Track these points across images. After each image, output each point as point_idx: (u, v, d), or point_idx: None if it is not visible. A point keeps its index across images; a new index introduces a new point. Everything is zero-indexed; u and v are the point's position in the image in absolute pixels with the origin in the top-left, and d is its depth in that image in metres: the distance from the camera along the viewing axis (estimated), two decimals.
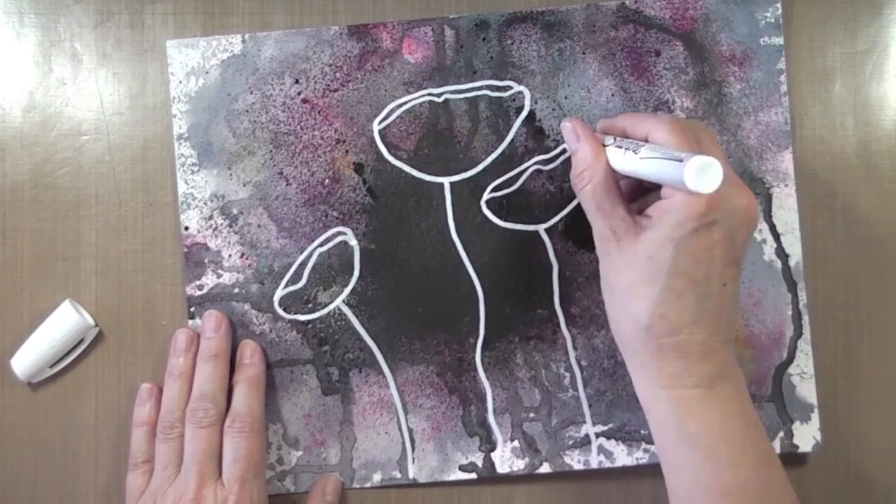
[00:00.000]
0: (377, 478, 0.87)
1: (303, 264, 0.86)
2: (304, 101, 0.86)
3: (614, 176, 0.74)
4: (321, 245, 0.86)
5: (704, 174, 0.63)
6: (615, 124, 0.78)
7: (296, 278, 0.86)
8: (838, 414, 0.88)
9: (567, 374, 0.87)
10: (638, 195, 0.79)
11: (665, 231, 0.70)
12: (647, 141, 0.73)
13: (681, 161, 0.64)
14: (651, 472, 0.87)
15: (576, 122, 0.77)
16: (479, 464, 0.87)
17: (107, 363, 0.87)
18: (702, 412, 0.72)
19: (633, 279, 0.72)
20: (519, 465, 0.87)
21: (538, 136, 0.86)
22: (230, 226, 0.86)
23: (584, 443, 0.87)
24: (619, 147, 0.73)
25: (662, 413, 0.74)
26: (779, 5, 0.86)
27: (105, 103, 0.87)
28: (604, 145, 0.75)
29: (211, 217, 0.86)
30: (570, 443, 0.87)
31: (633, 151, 0.71)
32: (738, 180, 0.72)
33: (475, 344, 0.87)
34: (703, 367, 0.72)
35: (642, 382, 0.75)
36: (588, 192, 0.74)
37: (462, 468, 0.87)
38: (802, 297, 0.86)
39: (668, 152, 0.67)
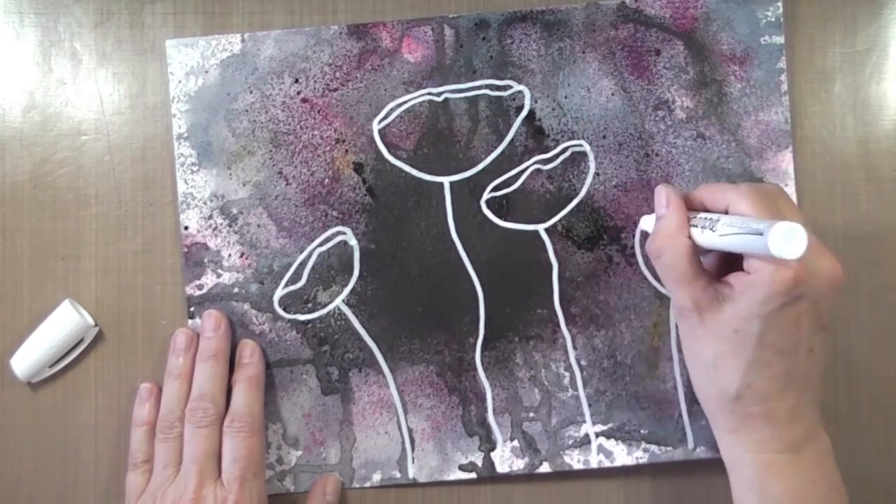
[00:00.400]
0: (377, 477, 0.87)
1: (302, 264, 0.86)
2: (304, 100, 0.86)
3: (695, 247, 0.73)
4: (321, 245, 0.86)
5: (789, 240, 0.63)
6: (693, 196, 0.77)
7: (295, 278, 0.86)
8: (838, 414, 0.87)
9: (567, 374, 0.87)
10: (716, 261, 0.78)
11: (752, 307, 0.69)
12: (727, 212, 0.72)
13: (760, 234, 0.64)
14: (651, 472, 0.87)
15: (670, 189, 0.76)
16: (479, 463, 0.86)
17: (107, 363, 0.87)
18: (786, 476, 0.73)
19: (719, 351, 0.72)
20: (519, 464, 0.86)
21: (538, 135, 0.86)
22: (230, 225, 0.86)
23: (584, 442, 0.86)
24: (696, 226, 0.73)
25: (746, 476, 0.74)
26: (779, 4, 0.86)
27: (105, 103, 0.87)
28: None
29: (211, 217, 0.86)
30: (570, 442, 0.86)
31: (711, 229, 0.71)
32: (822, 246, 0.72)
33: (475, 344, 0.87)
34: (791, 432, 0.72)
35: (727, 445, 0.75)
36: (667, 262, 0.74)
37: (462, 468, 0.87)
38: None
39: (748, 224, 0.67)
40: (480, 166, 0.86)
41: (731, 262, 0.73)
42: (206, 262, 0.86)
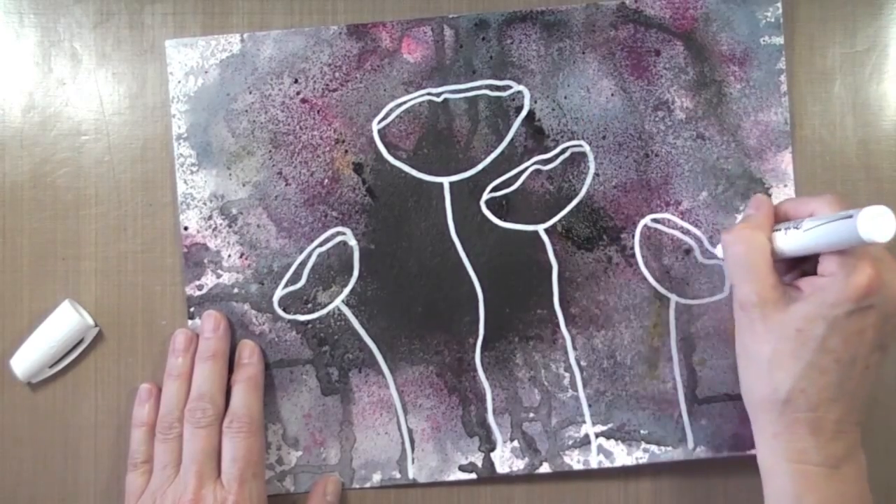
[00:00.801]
0: (377, 478, 0.86)
1: (302, 264, 0.85)
2: (304, 100, 0.85)
3: (771, 248, 0.73)
4: (320, 245, 0.85)
5: (879, 223, 0.63)
6: (778, 209, 0.77)
7: (295, 278, 0.85)
8: None
9: (566, 374, 0.86)
10: (788, 271, 0.77)
11: (820, 308, 0.69)
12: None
13: (850, 217, 0.63)
14: (650, 471, 0.87)
15: (765, 198, 0.77)
16: (479, 464, 0.86)
17: (107, 363, 0.86)
18: (822, 490, 0.72)
19: (778, 350, 0.71)
20: (518, 465, 0.86)
21: (538, 135, 0.85)
22: (229, 226, 0.85)
23: (584, 443, 0.86)
24: (779, 230, 0.73)
25: (781, 485, 0.73)
26: (779, 5, 0.85)
27: (105, 103, 0.86)
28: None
29: (210, 217, 0.85)
30: (570, 443, 0.86)
31: (796, 227, 0.71)
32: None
33: (475, 344, 0.86)
34: (833, 446, 0.72)
35: (767, 451, 0.74)
36: (740, 253, 0.73)
37: (462, 468, 0.86)
38: None
39: (834, 216, 0.67)
40: (480, 167, 0.86)
41: (803, 275, 0.73)
42: (206, 263, 0.85)
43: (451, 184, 0.86)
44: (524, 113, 0.85)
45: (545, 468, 0.86)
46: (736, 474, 0.87)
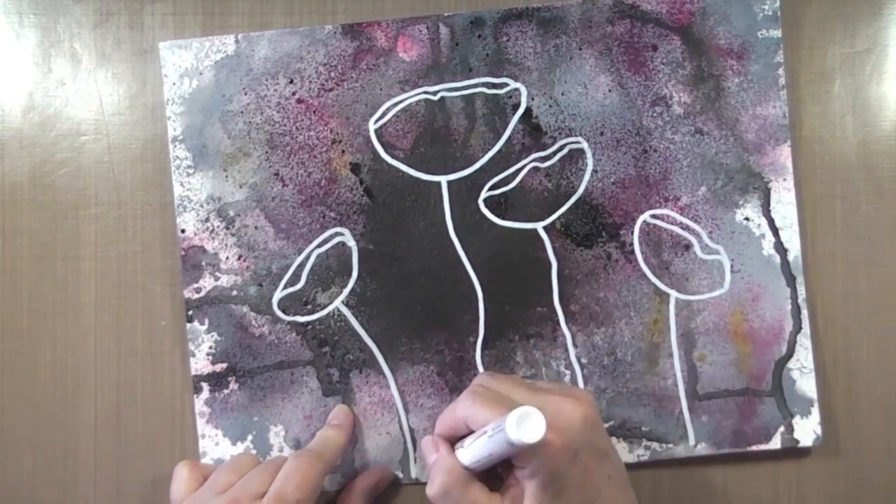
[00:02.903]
0: None
1: (301, 265, 0.83)
2: (299, 101, 0.83)
3: (471, 475, 0.71)
4: (319, 246, 0.83)
5: (526, 425, 0.62)
6: (441, 432, 0.76)
7: (294, 280, 0.83)
8: (837, 410, 0.85)
9: (567, 372, 0.84)
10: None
11: (545, 494, 0.68)
12: (471, 430, 0.72)
13: (503, 429, 0.62)
14: (651, 469, 0.85)
15: (431, 437, 0.76)
16: None
17: (107, 363, 0.84)
18: None
19: None
20: None
21: (535, 133, 0.83)
22: (227, 228, 0.83)
23: None
24: (460, 448, 0.73)
25: None
26: None
27: (104, 104, 0.85)
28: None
29: (207, 219, 0.83)
30: None
31: (462, 447, 0.72)
32: (555, 395, 0.71)
33: (475, 343, 0.84)
34: None
35: None
36: (456, 498, 0.71)
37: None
38: (801, 292, 0.84)
39: (488, 429, 0.67)
40: (478, 165, 0.84)
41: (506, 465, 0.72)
42: (204, 265, 0.83)
43: (449, 182, 0.83)
44: (521, 110, 0.84)
45: None
46: (736, 470, 0.85)
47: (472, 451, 0.69)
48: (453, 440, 0.74)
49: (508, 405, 0.68)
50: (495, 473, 0.72)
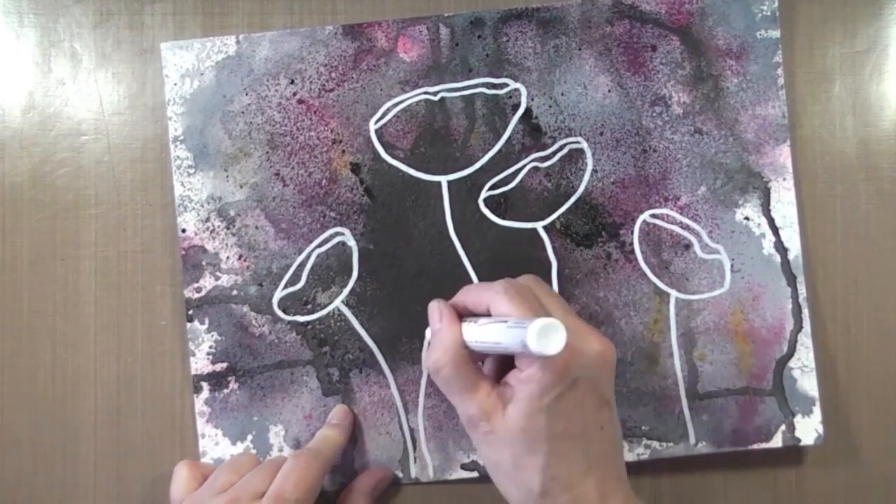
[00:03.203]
0: None
1: (301, 265, 0.83)
2: (300, 101, 0.83)
3: (470, 355, 0.71)
4: (319, 246, 0.83)
5: (548, 337, 0.62)
6: (457, 302, 0.75)
7: (294, 279, 0.83)
8: (838, 409, 0.85)
9: None
10: (495, 365, 0.76)
11: (531, 402, 0.67)
12: (489, 314, 0.71)
13: (524, 328, 0.62)
14: (651, 468, 0.85)
15: (442, 303, 0.75)
16: (481, 462, 0.83)
17: (107, 363, 0.84)
18: None
19: (515, 454, 0.69)
20: None
21: (535, 133, 0.83)
22: (227, 228, 0.83)
23: None
24: (465, 322, 0.72)
25: None
26: None
27: (104, 103, 0.84)
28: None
29: (208, 219, 0.83)
30: None
31: (477, 337, 0.70)
32: (586, 327, 0.71)
33: None
34: None
35: None
36: (447, 376, 0.70)
37: (464, 467, 0.84)
38: (802, 291, 0.84)
39: (506, 327, 0.66)
40: (478, 165, 0.83)
41: (509, 365, 0.72)
42: (205, 265, 0.83)
43: (449, 182, 0.83)
44: (521, 110, 0.83)
45: None
46: (736, 470, 0.85)
47: (483, 332, 0.69)
48: (463, 314, 0.74)
49: (538, 311, 0.68)
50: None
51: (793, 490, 0.84)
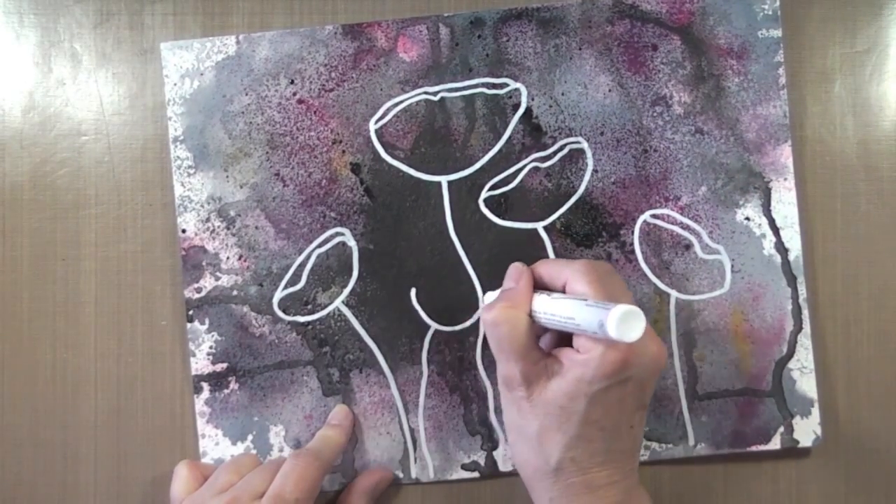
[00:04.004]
0: None
1: (301, 265, 0.83)
2: (300, 101, 0.83)
3: (533, 324, 0.72)
4: (319, 246, 0.83)
5: (629, 324, 0.63)
6: (533, 270, 0.75)
7: (295, 280, 0.83)
8: (838, 409, 0.85)
9: None
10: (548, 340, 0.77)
11: (579, 385, 0.68)
12: (564, 290, 0.72)
13: (606, 309, 0.63)
14: (651, 469, 0.84)
15: (524, 267, 0.75)
16: (482, 462, 0.84)
17: (107, 363, 0.84)
18: None
19: (544, 426, 0.71)
20: None
21: (535, 133, 0.83)
22: (227, 228, 0.83)
23: None
24: (539, 293, 0.72)
25: None
26: None
27: (105, 104, 0.84)
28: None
29: (208, 219, 0.83)
30: None
31: (551, 311, 0.70)
32: (650, 329, 0.70)
33: (475, 343, 0.83)
34: (610, 494, 0.71)
35: None
36: (503, 332, 0.71)
37: (464, 467, 0.84)
38: (802, 292, 0.83)
39: (587, 305, 0.66)
40: (478, 165, 0.83)
41: (561, 341, 0.73)
42: (205, 265, 0.83)
43: (450, 182, 0.83)
44: (521, 110, 0.83)
45: None
46: (736, 470, 0.85)
47: (558, 306, 0.69)
48: (537, 286, 0.74)
49: (612, 298, 0.68)
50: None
51: (793, 490, 0.84)
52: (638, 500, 0.73)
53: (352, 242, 0.83)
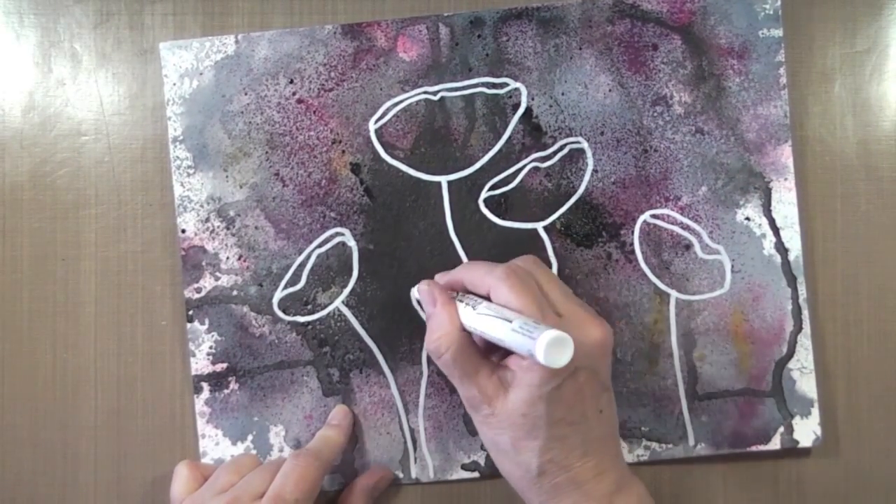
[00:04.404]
0: None
1: (301, 266, 0.82)
2: (299, 101, 0.82)
3: (471, 337, 0.72)
4: (319, 246, 0.82)
5: (556, 350, 0.62)
6: (454, 278, 0.76)
7: (294, 280, 0.82)
8: (838, 410, 0.85)
9: None
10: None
11: (532, 390, 0.68)
12: (489, 298, 0.71)
13: (532, 339, 0.62)
14: (651, 469, 0.84)
15: (433, 285, 0.75)
16: (482, 462, 0.83)
17: (107, 363, 0.83)
18: None
19: (515, 437, 0.70)
20: None
21: (535, 132, 0.82)
22: (227, 228, 0.82)
23: None
24: (463, 302, 0.72)
25: None
26: None
27: (104, 104, 0.84)
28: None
29: (208, 220, 0.82)
30: None
31: (473, 308, 0.71)
32: (585, 314, 0.72)
33: None
34: (600, 487, 0.71)
35: None
36: (449, 359, 0.71)
37: (464, 467, 0.83)
38: (802, 292, 0.83)
39: (516, 323, 0.65)
40: (478, 165, 0.83)
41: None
42: (204, 266, 0.82)
43: (450, 182, 0.83)
44: (521, 110, 0.83)
45: None
46: (736, 470, 0.84)
47: (485, 324, 0.68)
48: (458, 290, 0.75)
49: (539, 303, 0.69)
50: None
51: (793, 490, 0.84)
52: (629, 490, 0.72)
53: (352, 242, 0.82)
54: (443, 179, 0.82)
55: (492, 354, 0.73)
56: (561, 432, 0.69)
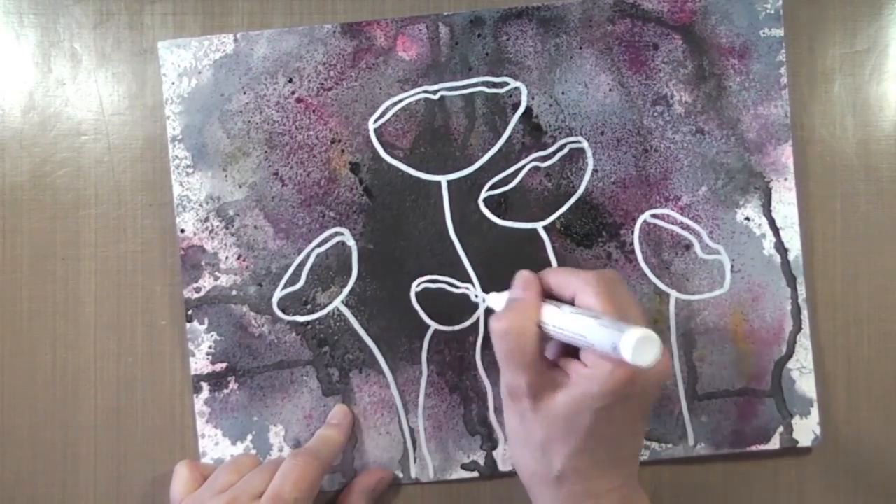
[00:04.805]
0: None
1: (301, 265, 0.82)
2: (299, 100, 0.82)
3: (541, 332, 0.70)
4: (319, 246, 0.82)
5: (643, 348, 0.61)
6: (541, 278, 0.74)
7: (294, 279, 0.82)
8: (837, 410, 0.84)
9: None
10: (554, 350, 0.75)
11: (585, 400, 0.67)
12: (573, 302, 0.70)
13: (620, 332, 0.61)
14: (651, 469, 0.84)
15: (531, 275, 0.73)
16: (481, 462, 0.83)
17: (107, 363, 0.83)
18: None
19: (548, 436, 0.70)
20: None
21: (535, 132, 0.82)
22: (226, 227, 0.82)
23: None
24: (546, 302, 0.71)
25: None
26: None
27: (104, 103, 0.83)
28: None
29: (207, 219, 0.82)
30: None
31: (558, 307, 0.70)
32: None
33: (475, 343, 0.83)
34: (612, 499, 0.71)
35: None
36: (511, 343, 0.69)
37: (464, 467, 0.83)
38: (802, 292, 0.83)
39: (604, 319, 0.64)
40: (478, 164, 0.82)
41: (567, 350, 0.71)
42: (204, 265, 0.82)
43: (449, 182, 0.82)
44: (521, 109, 0.82)
45: None
46: (736, 470, 0.84)
47: (569, 321, 0.67)
48: (544, 293, 0.73)
49: (622, 313, 0.67)
50: None
51: (793, 490, 0.83)
52: (636, 502, 0.72)
53: (351, 242, 0.82)
54: (442, 179, 0.82)
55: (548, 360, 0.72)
56: (594, 445, 0.68)
